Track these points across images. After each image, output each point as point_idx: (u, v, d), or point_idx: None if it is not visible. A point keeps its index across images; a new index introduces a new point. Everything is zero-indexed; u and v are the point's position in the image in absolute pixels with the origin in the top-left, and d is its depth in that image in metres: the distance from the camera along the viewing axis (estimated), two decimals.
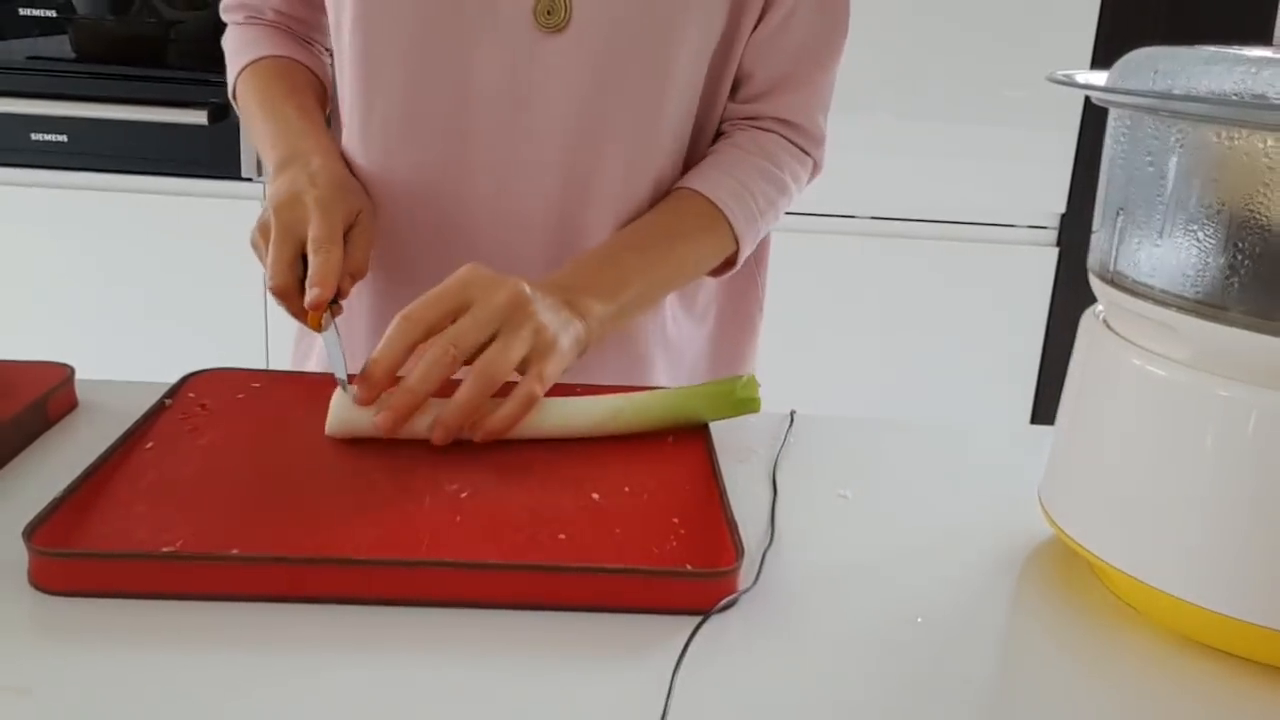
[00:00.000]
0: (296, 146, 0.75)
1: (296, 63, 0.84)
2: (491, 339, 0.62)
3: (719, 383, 0.68)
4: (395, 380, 0.61)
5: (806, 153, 0.84)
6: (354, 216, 0.71)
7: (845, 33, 0.81)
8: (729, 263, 0.81)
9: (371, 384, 0.61)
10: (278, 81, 0.82)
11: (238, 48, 0.85)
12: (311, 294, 0.64)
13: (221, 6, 0.88)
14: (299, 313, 0.68)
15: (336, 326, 0.66)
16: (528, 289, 0.64)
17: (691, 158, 0.82)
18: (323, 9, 0.82)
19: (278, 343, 1.78)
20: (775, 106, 0.82)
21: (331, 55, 0.85)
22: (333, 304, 0.66)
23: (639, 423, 0.65)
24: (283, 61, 0.84)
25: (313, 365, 0.88)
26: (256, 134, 0.81)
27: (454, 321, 0.62)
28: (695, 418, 0.67)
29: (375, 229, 0.75)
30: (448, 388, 0.61)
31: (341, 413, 0.62)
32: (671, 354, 0.87)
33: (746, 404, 0.67)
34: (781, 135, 0.83)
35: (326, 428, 0.62)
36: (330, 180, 0.72)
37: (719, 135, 0.83)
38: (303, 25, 0.87)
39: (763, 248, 0.90)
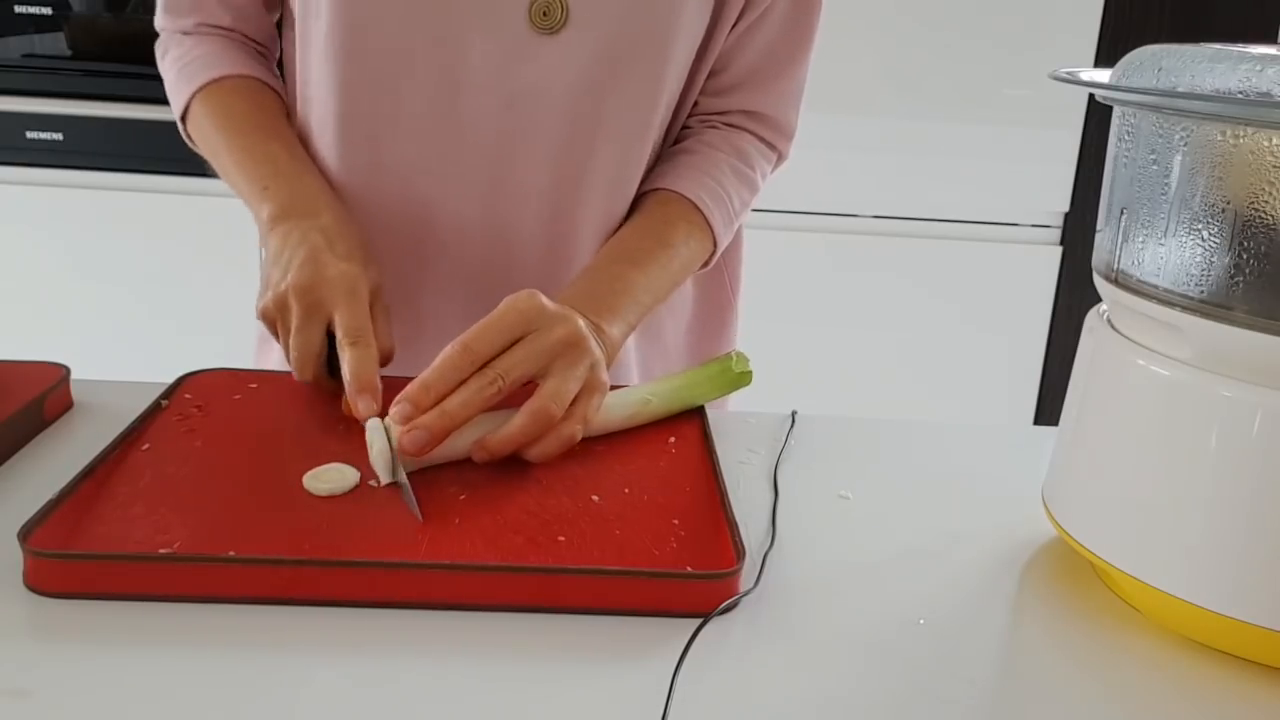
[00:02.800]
0: (296, 195, 0.71)
1: (258, 82, 0.78)
2: (539, 370, 0.60)
3: (716, 361, 0.71)
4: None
5: (774, 146, 0.85)
6: (374, 289, 0.67)
7: (817, 26, 0.81)
8: (704, 263, 0.81)
9: (419, 409, 0.57)
10: (249, 109, 0.76)
11: (187, 64, 0.78)
12: (362, 404, 0.60)
13: (162, 8, 0.80)
14: (329, 390, 0.66)
15: (388, 430, 0.58)
16: (583, 324, 0.63)
17: (661, 146, 0.82)
18: (278, 5, 0.79)
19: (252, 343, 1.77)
20: (747, 100, 0.82)
21: (281, 56, 0.82)
22: None
23: (664, 410, 0.68)
24: (247, 82, 0.77)
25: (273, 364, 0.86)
26: (229, 172, 0.75)
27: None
28: (702, 399, 0.70)
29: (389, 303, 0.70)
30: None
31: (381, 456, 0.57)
32: (648, 350, 0.86)
33: (742, 378, 0.71)
34: (751, 132, 0.83)
35: (383, 476, 0.57)
36: (349, 246, 0.68)
37: (685, 128, 0.83)
38: (258, 28, 0.81)
39: (735, 237, 0.90)
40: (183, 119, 0.80)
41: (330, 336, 0.65)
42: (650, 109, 0.77)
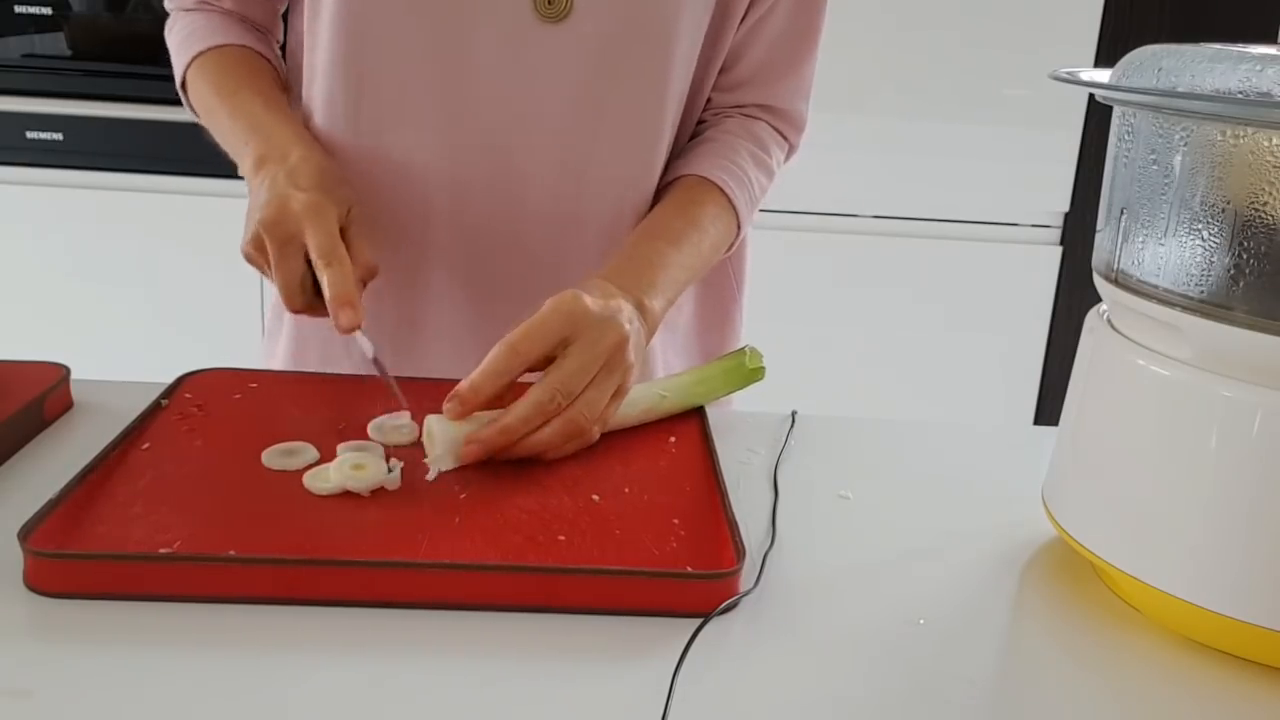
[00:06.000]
0: (270, 143, 0.73)
1: (252, 51, 0.80)
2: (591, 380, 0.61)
3: (730, 357, 0.72)
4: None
5: (786, 138, 0.87)
6: (346, 213, 0.69)
7: (823, 19, 0.83)
8: (729, 245, 0.82)
9: (467, 408, 0.59)
10: (236, 71, 0.78)
11: (185, 36, 0.81)
12: (343, 317, 0.62)
13: None
14: (321, 315, 0.68)
15: (377, 348, 0.63)
16: (627, 326, 0.63)
17: (677, 142, 0.82)
18: None
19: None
20: (759, 94, 0.84)
21: (285, 44, 0.83)
22: None
23: (678, 406, 0.68)
24: (237, 50, 0.80)
25: (280, 348, 0.86)
26: (221, 131, 0.78)
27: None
28: (715, 394, 0.70)
29: (365, 218, 0.72)
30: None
31: (442, 449, 0.59)
32: (665, 342, 0.87)
33: (755, 373, 0.71)
34: (766, 122, 0.85)
35: (432, 474, 0.58)
36: (313, 176, 0.69)
37: (701, 121, 0.84)
38: (260, 12, 0.83)
39: None
40: (183, 87, 0.82)
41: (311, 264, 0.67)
42: (657, 99, 0.77)
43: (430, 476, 0.58)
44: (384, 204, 0.77)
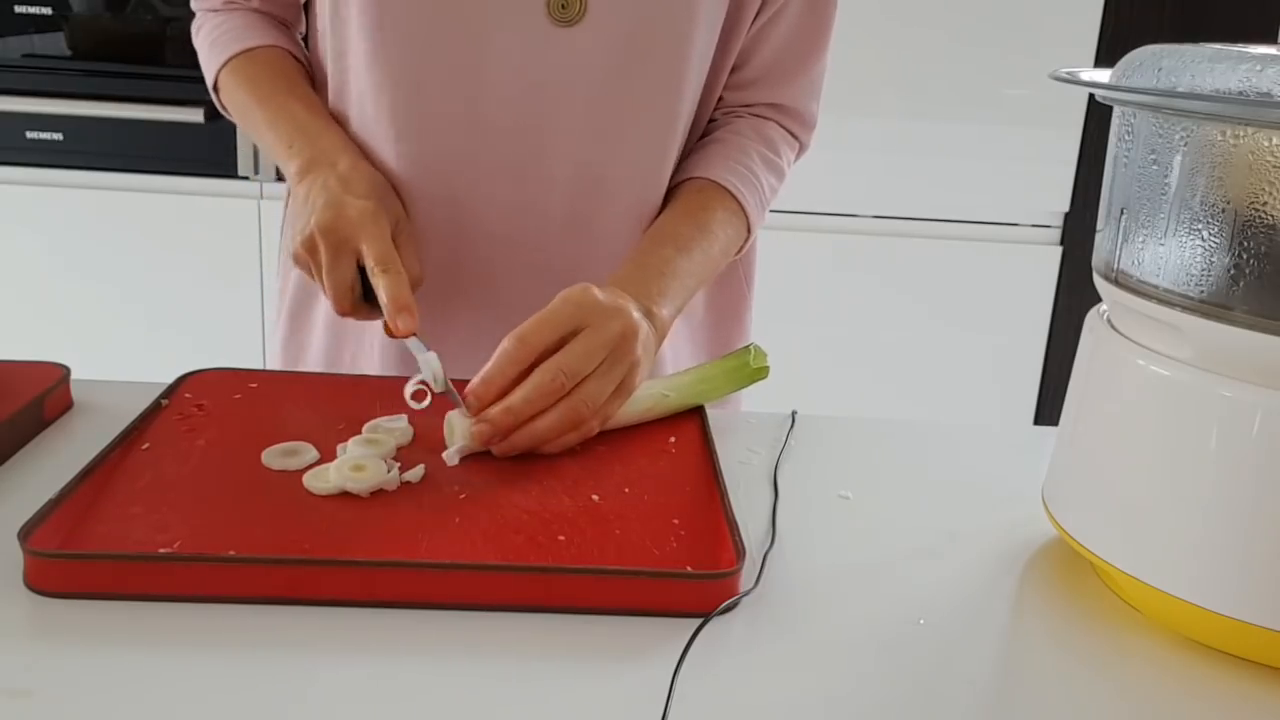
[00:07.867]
0: (317, 148, 0.74)
1: (283, 51, 0.82)
2: (597, 365, 0.62)
3: (733, 355, 0.72)
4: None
5: (796, 137, 0.87)
6: (396, 221, 0.71)
7: (834, 18, 0.83)
8: (739, 248, 0.82)
9: (482, 403, 0.60)
10: (274, 75, 0.80)
11: (217, 38, 0.81)
12: (401, 322, 0.63)
13: None
14: (367, 319, 0.70)
15: (428, 345, 0.63)
16: (636, 316, 0.64)
17: (688, 140, 0.83)
18: None
19: (275, 342, 1.77)
20: (769, 93, 0.84)
21: (308, 41, 0.84)
22: None
23: (680, 405, 0.68)
24: (273, 51, 0.81)
25: (313, 348, 0.87)
26: (262, 135, 0.79)
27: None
28: (719, 393, 0.70)
29: (412, 230, 0.75)
30: None
31: (462, 440, 0.60)
32: (676, 339, 0.87)
33: (760, 372, 0.72)
34: (777, 122, 0.85)
35: (450, 458, 0.60)
36: (366, 184, 0.71)
37: (711, 120, 0.85)
38: (285, 8, 0.84)
39: None
40: (215, 89, 0.83)
41: (362, 270, 0.68)
42: (673, 101, 0.77)
43: (450, 462, 0.60)
44: (411, 205, 0.77)
